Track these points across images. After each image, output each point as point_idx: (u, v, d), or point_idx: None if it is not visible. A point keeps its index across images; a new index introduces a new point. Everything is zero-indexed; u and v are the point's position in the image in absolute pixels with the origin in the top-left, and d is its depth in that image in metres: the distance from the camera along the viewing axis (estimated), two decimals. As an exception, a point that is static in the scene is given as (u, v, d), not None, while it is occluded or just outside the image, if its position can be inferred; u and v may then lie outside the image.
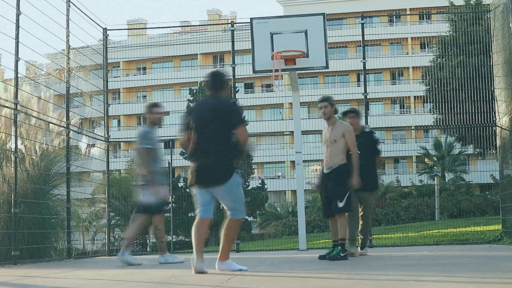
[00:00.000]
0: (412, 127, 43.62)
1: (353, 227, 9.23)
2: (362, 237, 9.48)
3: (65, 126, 11.61)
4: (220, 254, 6.65)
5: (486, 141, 15.83)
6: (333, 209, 8.24)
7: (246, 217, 31.98)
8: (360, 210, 9.41)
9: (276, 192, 37.10)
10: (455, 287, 4.62)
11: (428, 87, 24.42)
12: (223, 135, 6.40)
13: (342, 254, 8.12)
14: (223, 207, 6.71)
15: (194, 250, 6.56)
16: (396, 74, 50.20)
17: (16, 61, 9.71)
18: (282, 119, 46.62)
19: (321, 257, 8.31)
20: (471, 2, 27.38)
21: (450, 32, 23.19)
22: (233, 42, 13.41)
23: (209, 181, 6.42)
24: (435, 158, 41.64)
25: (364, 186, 8.52)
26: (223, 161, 6.39)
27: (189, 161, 6.62)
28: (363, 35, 13.31)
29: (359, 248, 9.46)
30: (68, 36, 11.67)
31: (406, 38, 50.49)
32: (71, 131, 11.88)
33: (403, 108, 49.75)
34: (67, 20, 11.69)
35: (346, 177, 8.18)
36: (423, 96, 29.25)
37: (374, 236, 13.32)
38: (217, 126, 6.39)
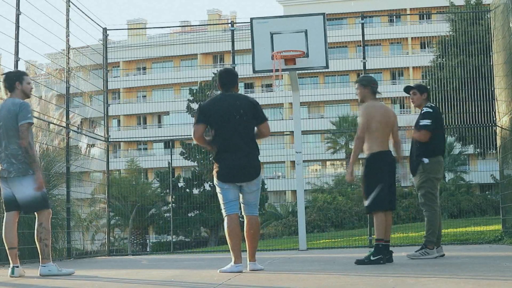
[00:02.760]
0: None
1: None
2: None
3: (65, 126, 11.61)
4: (252, 254, 6.67)
5: (486, 141, 15.82)
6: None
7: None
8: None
9: (276, 192, 37.06)
10: (455, 287, 4.61)
11: (428, 87, 24.38)
12: (251, 130, 6.54)
13: (372, 258, 7.12)
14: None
15: (231, 252, 6.48)
16: (396, 74, 50.18)
17: (16, 61, 9.71)
18: (282, 119, 46.61)
19: (358, 262, 7.22)
20: (471, 2, 27.36)
21: (450, 32, 23.16)
22: (233, 42, 13.41)
23: (243, 176, 6.42)
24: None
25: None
26: (255, 156, 6.52)
27: (215, 157, 6.53)
28: (363, 35, 13.32)
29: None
30: (68, 36, 11.68)
31: (406, 38, 50.46)
32: (71, 131, 11.88)
33: (403, 108, 49.71)
34: (67, 20, 11.69)
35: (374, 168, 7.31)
36: (423, 96, 29.20)
37: (374, 236, 13.29)
38: (245, 122, 6.45)
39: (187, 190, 28.70)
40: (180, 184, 29.51)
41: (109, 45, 13.94)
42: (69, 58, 11.70)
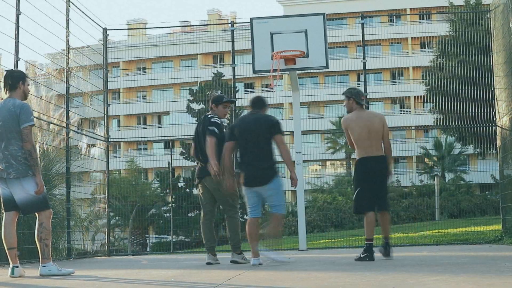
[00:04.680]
0: (412, 127, 43.60)
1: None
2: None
3: (65, 126, 11.61)
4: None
5: (486, 141, 15.82)
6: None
7: (246, 217, 31.95)
8: None
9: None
10: (455, 287, 4.61)
11: (428, 87, 24.40)
12: (264, 145, 7.71)
13: (361, 255, 7.97)
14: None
15: (251, 247, 7.72)
16: (396, 74, 50.20)
17: (16, 61, 9.71)
18: (282, 119, 46.57)
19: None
20: (471, 2, 27.37)
21: (450, 32, 23.17)
22: (233, 42, 13.41)
23: (252, 183, 7.67)
24: (435, 158, 41.66)
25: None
26: (262, 167, 7.70)
27: (239, 166, 7.79)
28: (363, 35, 13.31)
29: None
30: (68, 36, 11.67)
31: (406, 38, 50.46)
32: (71, 131, 11.87)
33: (403, 108, 49.76)
34: (67, 20, 11.69)
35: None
36: (423, 96, 29.26)
37: (374, 236, 13.30)
38: (257, 138, 7.66)
39: (187, 190, 28.69)
40: (180, 184, 29.52)
41: (109, 45, 13.93)
42: (69, 58, 11.70)
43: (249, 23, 11.83)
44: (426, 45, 41.37)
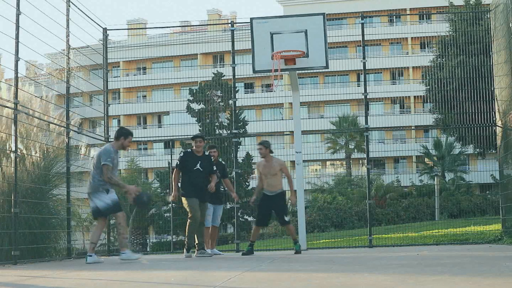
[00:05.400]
0: (412, 127, 43.61)
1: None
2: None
3: (65, 126, 11.61)
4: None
5: (486, 141, 15.82)
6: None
7: (246, 217, 31.98)
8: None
9: (275, 192, 37.02)
10: (455, 287, 4.62)
11: (428, 87, 24.40)
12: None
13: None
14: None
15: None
16: (396, 74, 50.17)
17: (16, 61, 9.71)
18: (282, 119, 46.60)
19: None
20: (471, 2, 27.37)
21: (450, 32, 23.17)
22: (233, 42, 13.41)
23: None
24: (435, 158, 41.65)
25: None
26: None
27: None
28: (363, 35, 13.31)
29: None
30: (68, 36, 11.67)
31: (406, 38, 50.45)
32: (71, 131, 11.87)
33: (403, 108, 49.74)
34: (67, 20, 11.68)
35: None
36: (423, 96, 29.23)
37: (374, 236, 13.33)
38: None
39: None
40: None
41: (109, 45, 13.93)
42: (69, 58, 11.69)
43: (249, 23, 11.83)
44: (426, 45, 41.37)
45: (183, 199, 10.21)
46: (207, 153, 10.48)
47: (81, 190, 14.13)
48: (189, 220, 10.11)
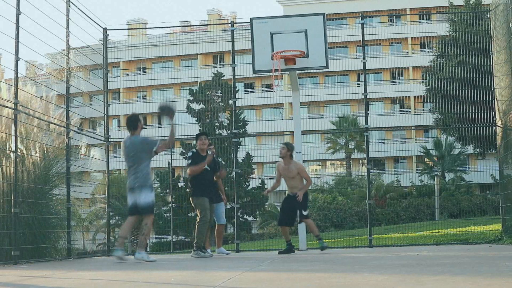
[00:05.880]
0: (412, 127, 43.62)
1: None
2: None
3: (65, 126, 11.61)
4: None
5: (486, 141, 15.82)
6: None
7: (246, 217, 31.97)
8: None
9: (276, 192, 37.10)
10: (455, 287, 4.62)
11: (428, 87, 24.41)
12: None
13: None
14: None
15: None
16: (396, 74, 50.19)
17: (16, 61, 9.71)
18: (282, 119, 46.63)
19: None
20: (471, 2, 27.38)
21: (450, 32, 23.18)
22: (233, 42, 13.41)
23: None
24: (435, 158, 41.67)
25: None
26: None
27: None
28: (363, 35, 13.30)
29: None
30: (68, 36, 11.66)
31: (406, 38, 50.47)
32: (71, 131, 11.87)
33: (403, 108, 49.76)
34: (67, 20, 11.68)
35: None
36: (423, 96, 29.25)
37: (374, 236, 13.33)
38: None
39: (187, 190, 28.64)
40: (180, 184, 29.49)
41: (109, 45, 13.93)
42: (69, 58, 11.69)
43: (249, 23, 11.83)
44: (426, 45, 41.38)
45: (193, 198, 10.28)
46: (209, 152, 10.51)
47: (81, 190, 14.15)
48: (198, 220, 10.10)
